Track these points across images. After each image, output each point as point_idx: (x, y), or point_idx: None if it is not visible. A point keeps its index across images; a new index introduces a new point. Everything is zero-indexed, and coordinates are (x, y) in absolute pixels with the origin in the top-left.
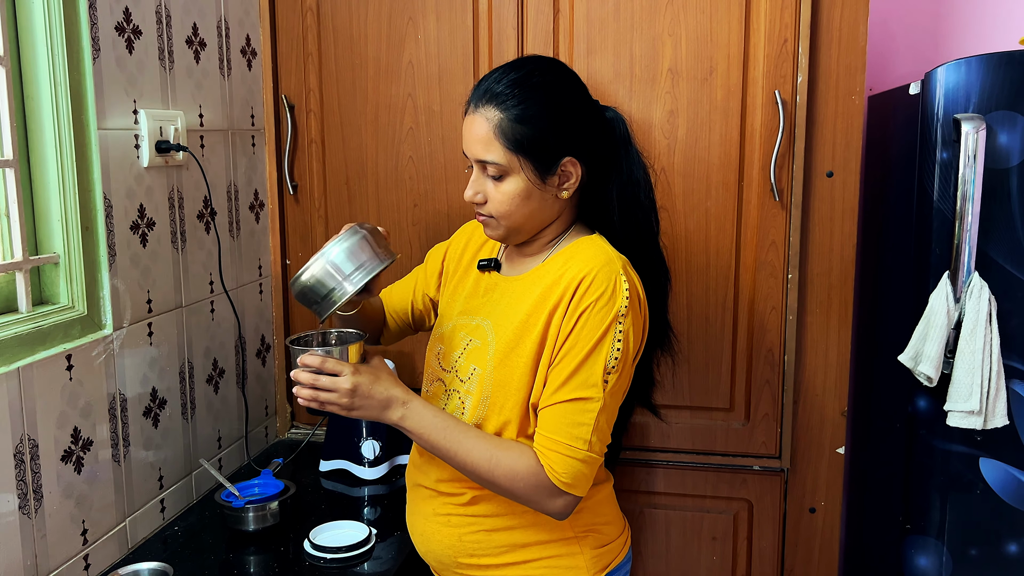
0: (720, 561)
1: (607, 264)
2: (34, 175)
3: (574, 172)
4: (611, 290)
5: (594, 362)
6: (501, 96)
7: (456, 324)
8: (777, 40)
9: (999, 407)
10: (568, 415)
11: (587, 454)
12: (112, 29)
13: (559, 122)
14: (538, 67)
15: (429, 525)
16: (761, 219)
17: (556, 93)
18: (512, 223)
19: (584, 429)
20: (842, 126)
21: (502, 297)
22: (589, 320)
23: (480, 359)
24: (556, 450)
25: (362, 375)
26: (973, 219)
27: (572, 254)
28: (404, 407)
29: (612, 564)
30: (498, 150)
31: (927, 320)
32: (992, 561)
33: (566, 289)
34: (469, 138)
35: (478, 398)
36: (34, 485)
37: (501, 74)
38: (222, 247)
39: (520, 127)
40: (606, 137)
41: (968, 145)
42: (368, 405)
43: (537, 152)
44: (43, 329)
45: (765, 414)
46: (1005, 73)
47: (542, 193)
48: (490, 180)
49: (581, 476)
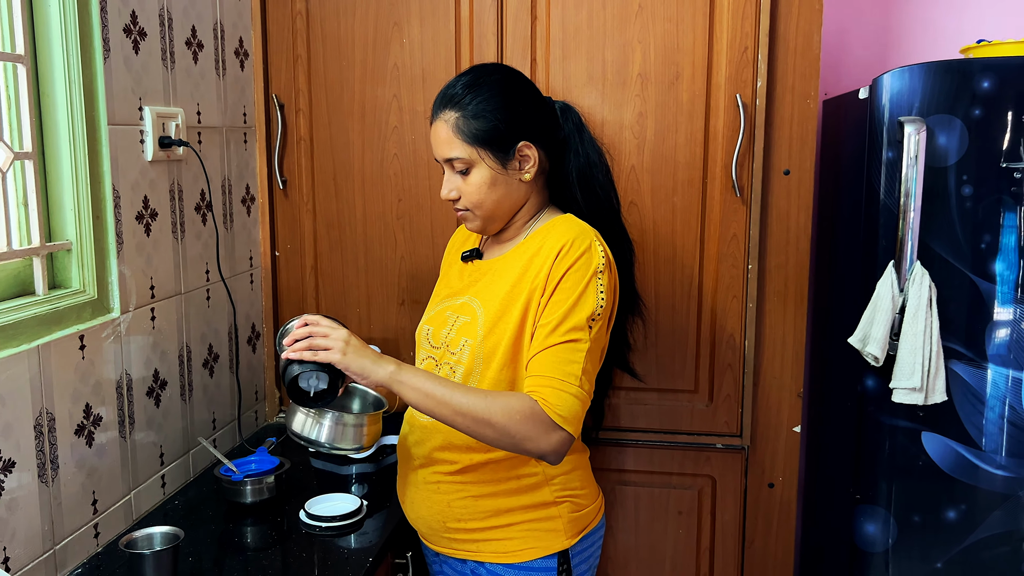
0: (686, 534)
1: (582, 232)
2: (49, 167)
3: (531, 155)
4: (588, 252)
5: (580, 310)
6: (455, 98)
7: (442, 307)
8: (738, 48)
9: (939, 385)
10: (559, 355)
11: (579, 390)
12: (121, 31)
13: (509, 111)
14: (485, 70)
15: (419, 492)
16: (723, 214)
17: (503, 87)
18: (486, 211)
19: (575, 367)
20: (798, 128)
21: (485, 276)
22: (572, 275)
23: (471, 332)
24: (550, 386)
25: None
26: (915, 214)
27: (549, 229)
28: (396, 364)
29: (587, 528)
30: (459, 146)
31: (874, 305)
32: (933, 527)
33: (547, 256)
34: (435, 143)
35: (469, 367)
36: (51, 456)
37: (454, 81)
38: (220, 238)
39: (475, 122)
40: (557, 122)
41: (910, 146)
42: (362, 354)
43: (493, 141)
44: (59, 311)
45: (727, 395)
46: (944, 80)
47: (507, 178)
48: (459, 176)
49: (575, 411)
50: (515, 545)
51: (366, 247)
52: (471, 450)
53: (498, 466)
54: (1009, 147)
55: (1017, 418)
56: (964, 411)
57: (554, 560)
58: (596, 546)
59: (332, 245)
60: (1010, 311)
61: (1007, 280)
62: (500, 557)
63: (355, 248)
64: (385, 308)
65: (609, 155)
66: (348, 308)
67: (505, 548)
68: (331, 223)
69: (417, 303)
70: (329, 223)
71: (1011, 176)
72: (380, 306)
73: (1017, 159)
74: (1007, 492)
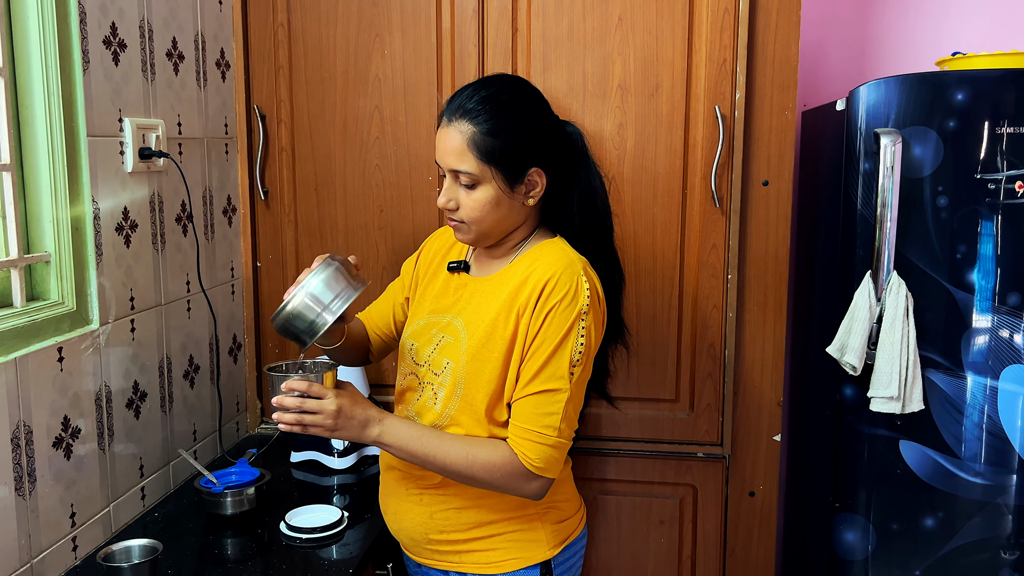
0: (667, 543)
1: (569, 266)
2: (27, 178)
3: (539, 181)
4: (574, 290)
5: (561, 356)
6: (473, 112)
7: (428, 321)
8: (717, 60)
9: (916, 393)
10: (538, 406)
11: (557, 439)
12: (100, 42)
13: (526, 136)
14: (507, 85)
15: (402, 504)
16: (703, 224)
17: (523, 109)
18: (482, 228)
19: (553, 418)
20: (776, 139)
21: (472, 296)
22: (555, 319)
23: (453, 354)
24: (528, 438)
25: (343, 397)
26: (892, 224)
27: (537, 256)
28: (381, 424)
29: (570, 538)
30: (471, 161)
31: (852, 315)
32: (911, 534)
33: (533, 290)
34: (443, 149)
35: (451, 390)
36: (28, 469)
37: (473, 91)
38: (201, 249)
39: (491, 140)
40: (567, 149)
41: (887, 157)
42: (350, 425)
43: (507, 163)
44: (36, 323)
45: (708, 404)
46: (919, 92)
47: (510, 200)
48: (462, 188)
49: (552, 460)
50: (497, 556)
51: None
52: None
53: None
54: (985, 158)
55: (994, 426)
56: (941, 420)
57: (536, 571)
58: (578, 556)
59: (314, 256)
60: (987, 320)
61: (983, 289)
62: (482, 568)
63: None
64: None
65: (608, 180)
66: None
67: (487, 559)
68: (312, 234)
69: None
70: (311, 234)
71: (986, 187)
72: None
73: (993, 170)
74: (985, 499)
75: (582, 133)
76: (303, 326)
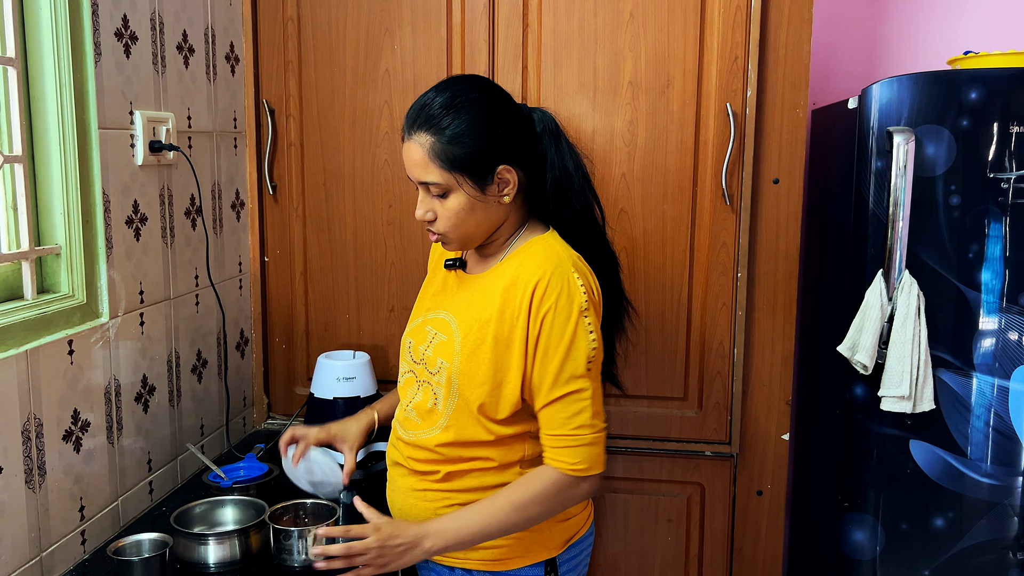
0: (675, 541)
1: (557, 266)
2: (38, 171)
3: (511, 178)
4: (567, 290)
5: (574, 358)
6: (431, 120)
7: (424, 319)
8: (729, 57)
9: (927, 393)
10: (564, 409)
11: (592, 435)
12: (112, 35)
13: (488, 136)
14: (461, 88)
15: (407, 500)
16: (713, 222)
17: (482, 109)
18: (462, 235)
19: (583, 416)
20: (787, 137)
21: (465, 294)
22: (555, 324)
23: (447, 353)
24: (564, 444)
25: (383, 528)
26: (904, 223)
27: (525, 255)
28: (428, 538)
29: (576, 536)
30: (435, 172)
31: (863, 314)
32: (920, 535)
33: (524, 293)
34: (408, 164)
35: (448, 390)
36: (39, 462)
37: (428, 100)
38: (209, 243)
39: (452, 147)
40: (536, 138)
41: (899, 156)
42: (399, 552)
43: (472, 167)
44: (47, 316)
45: (716, 403)
46: (932, 90)
47: (484, 203)
48: (436, 199)
49: (594, 456)
50: (503, 553)
51: (356, 253)
52: (451, 461)
53: (483, 474)
54: (995, 158)
55: (1003, 426)
56: (951, 419)
57: (541, 568)
58: (585, 554)
59: (322, 251)
60: (995, 320)
61: (993, 289)
62: (488, 565)
63: (345, 254)
64: (375, 314)
65: (589, 160)
66: (337, 314)
67: (493, 556)
68: (321, 229)
69: (406, 309)
70: (319, 229)
71: (997, 186)
72: (369, 312)
73: (1003, 169)
74: (993, 500)
75: (554, 117)
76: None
